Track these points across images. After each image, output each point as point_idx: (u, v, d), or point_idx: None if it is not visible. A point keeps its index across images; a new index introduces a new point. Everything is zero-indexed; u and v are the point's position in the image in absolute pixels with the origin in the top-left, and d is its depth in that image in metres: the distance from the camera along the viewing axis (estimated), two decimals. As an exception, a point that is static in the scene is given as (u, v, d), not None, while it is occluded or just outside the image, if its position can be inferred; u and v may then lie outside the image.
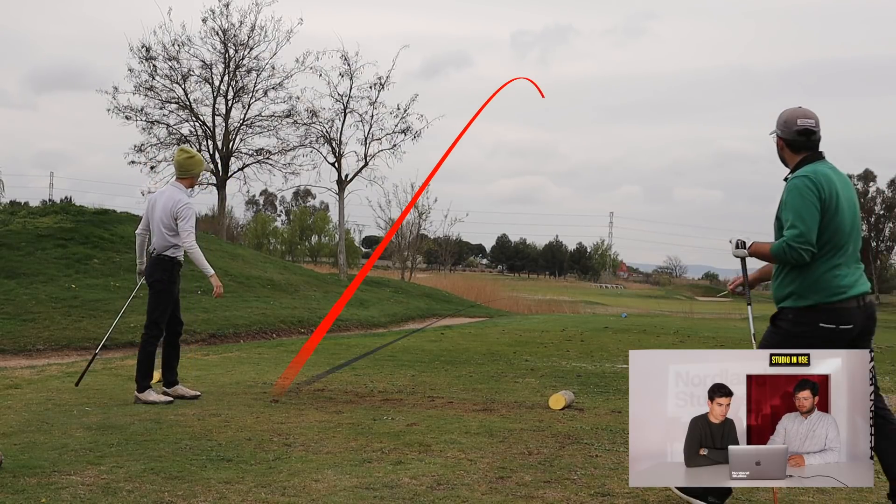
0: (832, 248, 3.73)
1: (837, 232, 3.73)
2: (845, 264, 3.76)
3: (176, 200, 6.56)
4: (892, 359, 11.93)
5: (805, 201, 3.69)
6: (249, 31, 28.65)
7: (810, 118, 3.87)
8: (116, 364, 8.95)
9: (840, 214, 3.74)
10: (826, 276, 3.71)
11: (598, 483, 4.25)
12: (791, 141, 3.89)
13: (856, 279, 3.77)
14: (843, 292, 3.70)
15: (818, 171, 3.77)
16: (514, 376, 8.74)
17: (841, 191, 3.78)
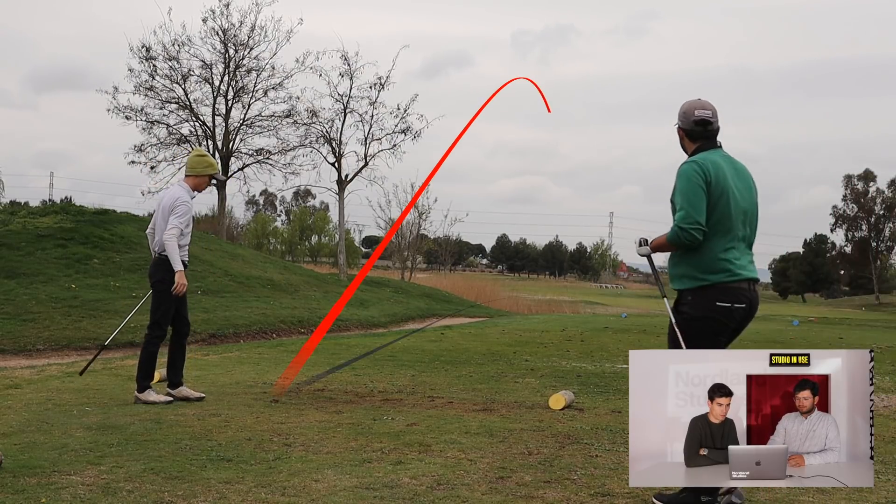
0: (721, 231, 3.88)
1: (725, 216, 3.88)
2: (735, 248, 3.91)
3: (175, 198, 6.56)
4: (892, 359, 11.92)
5: (691, 184, 3.86)
6: (249, 31, 28.69)
7: (707, 109, 4.06)
8: (116, 364, 8.96)
9: (727, 200, 3.88)
10: (718, 258, 3.87)
11: (598, 483, 4.25)
12: (689, 131, 4.08)
13: (746, 263, 3.93)
14: (737, 273, 3.87)
15: (707, 158, 3.95)
16: (514, 376, 8.74)
17: (731, 178, 3.93)
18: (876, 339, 17.77)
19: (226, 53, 28.69)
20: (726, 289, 3.85)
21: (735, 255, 3.90)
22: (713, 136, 4.07)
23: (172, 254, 6.46)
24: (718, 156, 4.00)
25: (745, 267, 3.92)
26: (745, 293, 3.89)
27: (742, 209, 3.95)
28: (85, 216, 19.51)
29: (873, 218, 79.90)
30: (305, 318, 16.50)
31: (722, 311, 3.85)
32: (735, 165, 4.04)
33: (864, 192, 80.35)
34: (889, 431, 5.99)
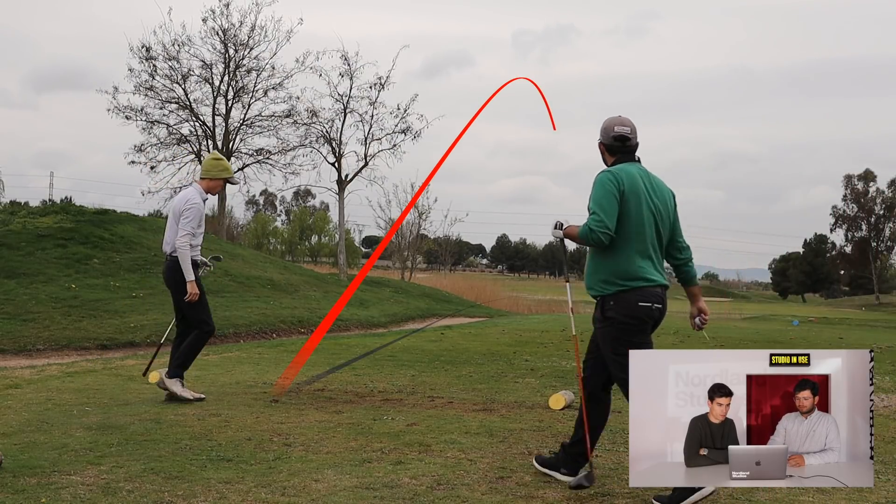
0: (637, 239, 4.11)
1: (639, 225, 4.11)
2: (647, 257, 4.14)
3: (186, 199, 6.54)
4: (892, 359, 11.92)
5: (605, 192, 4.08)
6: (249, 31, 28.68)
7: (626, 126, 4.31)
8: (116, 364, 8.96)
9: (641, 210, 4.11)
10: (636, 265, 4.11)
11: (598, 483, 4.25)
12: (609, 145, 4.32)
13: (656, 271, 4.16)
14: (652, 280, 4.11)
15: (622, 169, 4.18)
16: (514, 376, 8.74)
17: (644, 191, 4.15)
18: (876, 339, 17.77)
19: (226, 53, 28.69)
20: (643, 291, 4.08)
21: (649, 264, 4.14)
22: (631, 151, 4.30)
23: (184, 262, 6.44)
24: (635, 168, 4.22)
25: (656, 274, 4.14)
26: (659, 296, 4.12)
27: (654, 222, 4.17)
28: (85, 216, 19.51)
29: (873, 218, 79.88)
30: (305, 318, 16.50)
31: (644, 310, 4.08)
32: (652, 180, 4.26)
33: (864, 192, 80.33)
34: (889, 431, 5.99)
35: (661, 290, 4.14)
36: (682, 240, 4.38)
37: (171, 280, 6.56)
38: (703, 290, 4.32)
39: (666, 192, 4.30)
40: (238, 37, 28.62)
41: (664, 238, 4.26)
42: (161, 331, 13.08)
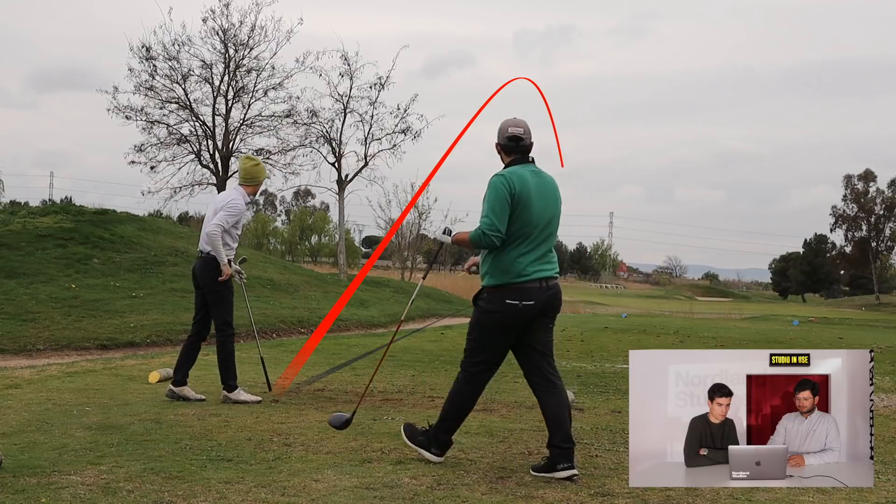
0: (520, 237, 4.38)
1: (526, 225, 4.37)
2: (532, 252, 4.40)
3: (230, 199, 6.54)
4: (892, 359, 11.92)
5: (498, 195, 4.34)
6: (249, 31, 28.61)
7: (520, 127, 4.56)
8: (116, 364, 8.95)
9: (529, 211, 4.37)
10: (513, 261, 4.37)
11: (598, 483, 4.25)
12: (504, 146, 4.57)
13: (540, 266, 4.42)
14: (526, 275, 4.36)
15: (514, 172, 4.43)
16: (514, 376, 8.74)
17: (535, 191, 4.41)
18: (876, 339, 17.77)
19: (226, 53, 28.66)
20: (516, 288, 4.36)
21: (530, 259, 4.40)
22: (525, 150, 4.54)
23: (217, 247, 6.42)
24: (527, 170, 4.47)
25: (539, 269, 4.41)
26: (536, 291, 4.38)
27: (543, 220, 4.43)
28: (85, 216, 19.51)
29: (873, 218, 79.84)
30: (305, 318, 16.49)
31: (510, 307, 4.36)
32: (542, 179, 4.51)
33: (864, 192, 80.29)
34: (889, 431, 5.99)
35: (541, 284, 4.40)
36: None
37: (203, 277, 6.56)
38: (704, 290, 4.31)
39: (555, 192, 4.56)
40: (238, 37, 28.59)
41: (554, 233, 4.53)
42: (161, 331, 13.07)
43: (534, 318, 4.43)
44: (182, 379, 6.58)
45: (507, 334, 4.45)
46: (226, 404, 6.40)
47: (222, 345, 6.53)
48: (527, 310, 4.37)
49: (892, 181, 79.74)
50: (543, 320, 4.49)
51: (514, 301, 4.36)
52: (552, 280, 4.47)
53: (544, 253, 4.46)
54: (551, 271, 4.48)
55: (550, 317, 4.53)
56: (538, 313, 4.42)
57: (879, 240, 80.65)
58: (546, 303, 4.43)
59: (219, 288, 6.50)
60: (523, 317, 4.38)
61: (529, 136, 4.56)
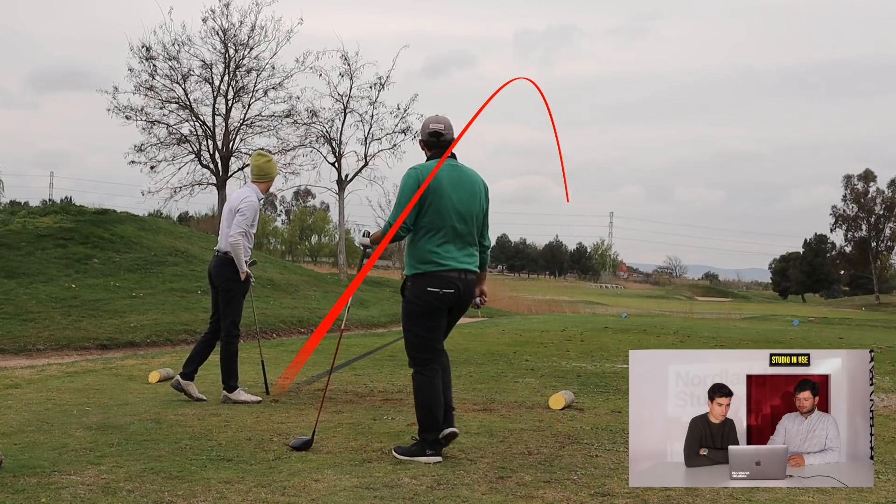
0: (434, 228, 4.59)
1: (439, 216, 4.58)
2: (448, 243, 4.62)
3: (242, 198, 6.53)
4: (892, 359, 11.93)
5: (405, 189, 4.60)
6: (249, 30, 28.67)
7: (440, 123, 4.79)
8: (116, 364, 8.95)
9: (442, 202, 4.58)
10: (429, 251, 4.59)
11: (598, 483, 4.25)
12: (425, 141, 4.80)
13: (459, 256, 4.64)
14: (445, 264, 4.57)
15: (426, 165, 4.65)
16: (514, 376, 8.74)
17: (449, 184, 4.61)
18: (876, 339, 17.77)
19: (226, 53, 28.68)
20: (435, 276, 4.58)
21: (446, 250, 4.61)
22: (444, 146, 4.74)
23: (238, 256, 6.46)
24: (448, 167, 4.67)
25: (456, 259, 4.62)
26: (454, 280, 4.61)
27: (458, 211, 4.63)
28: (85, 216, 19.51)
29: (873, 218, 79.86)
30: (305, 318, 16.49)
31: (431, 294, 4.59)
32: (462, 173, 4.71)
33: (864, 192, 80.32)
34: (889, 431, 5.99)
35: (459, 274, 4.63)
36: (485, 236, 4.88)
37: (218, 276, 6.56)
38: (704, 290, 4.37)
39: (476, 186, 4.75)
40: (238, 37, 28.63)
41: (473, 226, 4.71)
42: (161, 331, 13.08)
43: (456, 306, 4.71)
44: (190, 374, 6.56)
45: (437, 317, 4.69)
46: (226, 404, 6.41)
47: (226, 345, 6.54)
48: (447, 297, 4.62)
49: (892, 181, 79.84)
50: (459, 312, 4.82)
51: (435, 289, 4.59)
52: (470, 274, 4.73)
53: (464, 245, 4.68)
54: (470, 265, 4.71)
55: (464, 309, 4.84)
56: (457, 303, 4.70)
57: (879, 240, 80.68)
58: (464, 294, 4.70)
59: (233, 287, 6.51)
60: (446, 302, 4.64)
61: (450, 132, 4.78)
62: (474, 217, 4.71)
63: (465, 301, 4.77)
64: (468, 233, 4.69)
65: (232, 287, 6.51)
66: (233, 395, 6.46)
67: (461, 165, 4.77)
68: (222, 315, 6.57)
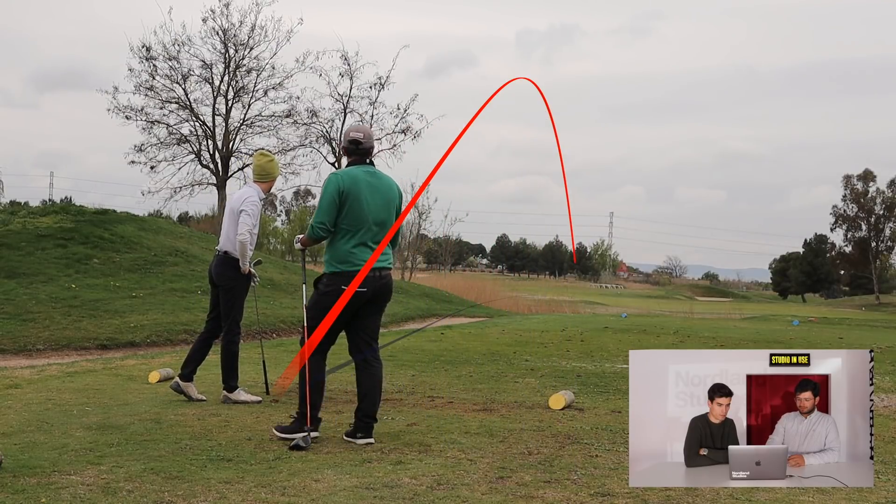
0: (351, 231, 4.95)
1: (357, 220, 4.93)
2: (363, 245, 4.97)
3: (245, 198, 6.50)
4: (892, 359, 11.93)
5: (326, 193, 4.94)
6: (249, 31, 28.68)
7: (360, 132, 5.10)
8: (116, 364, 8.95)
9: (359, 207, 4.92)
10: (346, 252, 4.96)
11: (598, 483, 4.25)
12: (345, 147, 5.12)
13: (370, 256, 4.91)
14: (358, 264, 4.90)
15: (347, 172, 4.99)
16: (514, 376, 8.74)
17: (366, 190, 4.95)
18: (876, 339, 17.77)
19: (226, 53, 28.69)
20: (350, 275, 4.87)
21: (362, 250, 4.96)
22: (364, 153, 5.07)
23: (244, 254, 6.42)
24: (361, 170, 5.02)
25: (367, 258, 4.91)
26: (368, 279, 4.91)
27: (374, 215, 4.97)
28: (85, 216, 19.51)
29: (873, 218, 79.85)
30: (305, 318, 16.48)
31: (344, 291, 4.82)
32: (377, 180, 5.04)
33: (863, 192, 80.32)
34: (889, 431, 5.99)
35: (373, 273, 4.95)
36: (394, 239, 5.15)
37: (220, 276, 6.54)
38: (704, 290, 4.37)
39: (391, 193, 5.07)
40: (238, 37, 28.63)
41: (387, 228, 5.02)
42: (161, 331, 13.08)
43: (366, 303, 5.02)
44: (189, 374, 6.55)
45: (347, 313, 4.95)
46: (226, 404, 6.41)
47: (228, 344, 6.53)
48: (359, 295, 4.91)
49: (892, 181, 79.80)
50: (374, 307, 5.10)
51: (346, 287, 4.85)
52: (384, 270, 5.05)
53: (377, 245, 5.00)
54: (385, 262, 5.04)
55: (380, 304, 5.13)
56: (370, 299, 5.01)
57: (879, 240, 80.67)
58: (377, 291, 5.02)
59: (234, 287, 6.49)
60: (360, 298, 4.94)
61: (369, 141, 5.10)
62: (386, 221, 5.04)
63: (383, 296, 5.10)
64: (383, 234, 5.02)
65: (234, 286, 6.51)
66: (233, 395, 6.46)
67: (378, 172, 5.08)
68: (223, 315, 6.56)
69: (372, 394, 5.08)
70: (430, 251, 54.12)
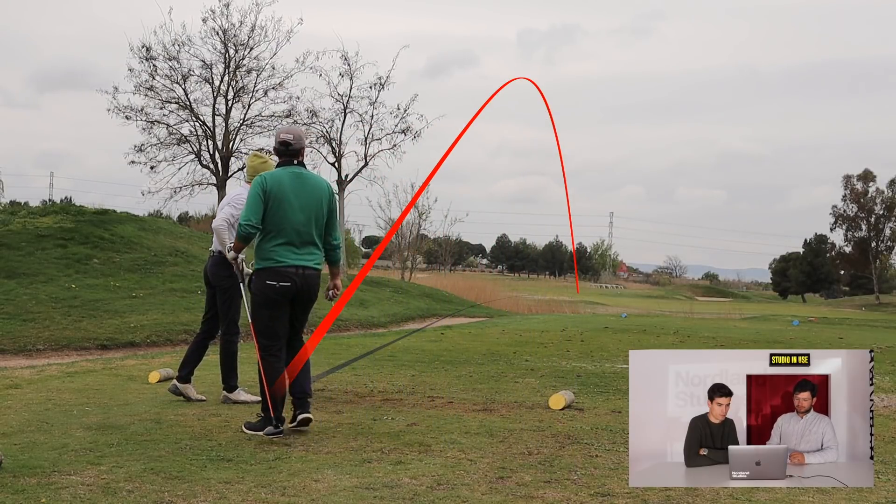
0: (277, 230, 5.17)
1: (282, 220, 5.14)
2: (289, 244, 5.18)
3: (234, 195, 6.46)
4: (892, 359, 11.93)
5: (253, 194, 5.17)
6: (249, 31, 28.60)
7: (290, 134, 5.33)
8: (116, 364, 8.95)
9: (284, 207, 5.14)
10: (270, 250, 5.18)
11: (598, 483, 4.25)
12: (276, 149, 5.33)
13: (298, 255, 5.19)
14: (282, 261, 5.15)
15: (274, 174, 5.22)
16: (514, 376, 8.75)
17: (292, 191, 5.17)
18: (876, 339, 17.77)
19: (226, 53, 28.64)
20: (274, 271, 5.15)
21: (286, 248, 5.17)
22: (293, 155, 5.29)
23: (222, 242, 6.23)
24: (287, 172, 5.23)
25: (293, 257, 5.17)
26: (291, 275, 5.16)
27: (299, 216, 5.17)
28: (85, 216, 19.51)
29: (873, 218, 79.82)
30: (305, 318, 16.48)
31: (270, 287, 5.16)
32: (304, 181, 5.24)
33: (863, 192, 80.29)
34: (889, 431, 5.99)
35: (296, 270, 5.18)
36: (332, 235, 5.37)
37: (215, 276, 6.52)
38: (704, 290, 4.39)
39: (319, 192, 5.26)
40: (238, 37, 28.57)
41: (313, 228, 5.23)
42: (161, 331, 13.08)
43: (295, 299, 5.25)
44: (187, 376, 6.55)
45: (278, 309, 5.23)
46: (226, 404, 6.41)
47: (227, 344, 6.53)
48: (284, 290, 5.16)
49: (891, 181, 79.73)
50: (300, 306, 5.36)
51: (273, 282, 5.15)
52: (308, 269, 5.25)
53: (303, 244, 5.22)
54: (309, 262, 5.25)
55: (305, 304, 5.38)
56: (297, 296, 5.23)
57: (879, 240, 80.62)
58: (302, 287, 5.22)
59: (231, 286, 6.48)
60: (283, 295, 5.18)
61: (299, 142, 5.32)
62: (314, 220, 5.24)
63: (306, 294, 5.30)
64: (308, 234, 5.23)
65: (230, 286, 6.50)
66: (233, 395, 6.46)
67: (305, 173, 5.30)
68: (221, 315, 6.55)
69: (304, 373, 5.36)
70: (430, 251, 54.08)
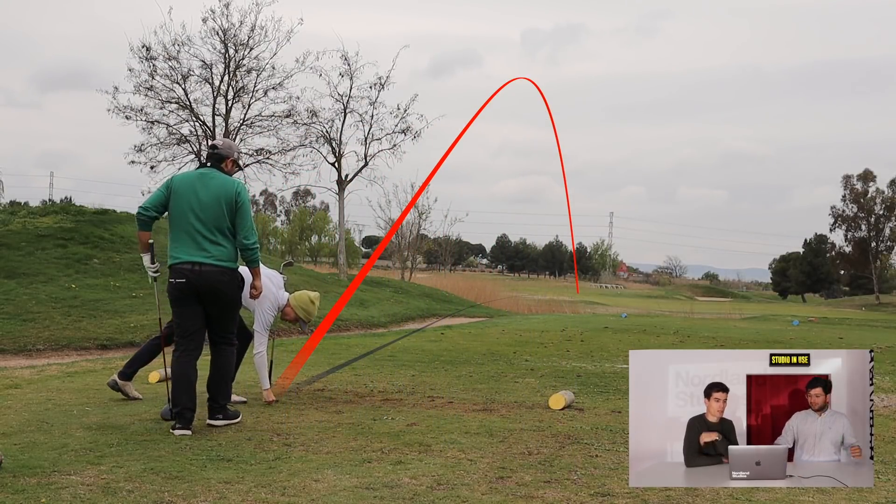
0: (176, 229, 5.41)
1: (178, 218, 5.40)
2: (184, 242, 5.38)
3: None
4: (892, 359, 11.92)
5: (157, 189, 5.56)
6: (249, 31, 28.59)
7: (221, 141, 5.73)
8: (116, 364, 8.95)
9: (181, 206, 5.39)
10: (171, 248, 5.43)
11: (598, 483, 4.25)
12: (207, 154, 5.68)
13: (191, 251, 5.36)
14: (177, 258, 5.37)
15: (183, 174, 5.57)
16: (514, 376, 8.74)
17: (192, 191, 5.41)
18: (876, 339, 17.77)
19: (226, 53, 28.63)
20: (172, 269, 5.39)
21: (182, 245, 5.38)
22: (217, 158, 5.61)
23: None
24: (196, 173, 5.53)
25: (188, 254, 5.35)
26: (185, 272, 5.33)
27: (196, 214, 5.36)
28: (85, 216, 19.51)
29: (873, 218, 79.81)
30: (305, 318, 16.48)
31: (169, 284, 5.40)
32: (206, 182, 5.45)
33: (863, 192, 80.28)
34: (889, 431, 5.99)
35: (192, 266, 5.34)
36: (242, 235, 5.47)
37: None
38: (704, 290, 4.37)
39: (222, 189, 5.44)
40: (238, 37, 28.56)
41: (212, 225, 5.38)
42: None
43: (202, 297, 5.39)
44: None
45: (183, 304, 5.40)
46: (247, 402, 6.40)
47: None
48: (181, 286, 5.35)
49: (891, 181, 79.72)
50: (212, 307, 5.46)
51: (172, 279, 5.38)
52: (206, 266, 5.35)
53: (198, 241, 5.36)
54: (207, 259, 5.36)
55: (214, 298, 5.42)
56: (200, 292, 5.37)
57: (879, 240, 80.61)
58: (199, 284, 5.35)
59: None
60: (184, 291, 5.35)
61: (226, 149, 5.66)
62: (213, 218, 5.38)
63: (207, 290, 5.39)
64: (207, 231, 5.38)
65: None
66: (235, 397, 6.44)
67: (211, 174, 5.50)
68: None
69: (215, 377, 5.60)
70: (430, 251, 54.08)
